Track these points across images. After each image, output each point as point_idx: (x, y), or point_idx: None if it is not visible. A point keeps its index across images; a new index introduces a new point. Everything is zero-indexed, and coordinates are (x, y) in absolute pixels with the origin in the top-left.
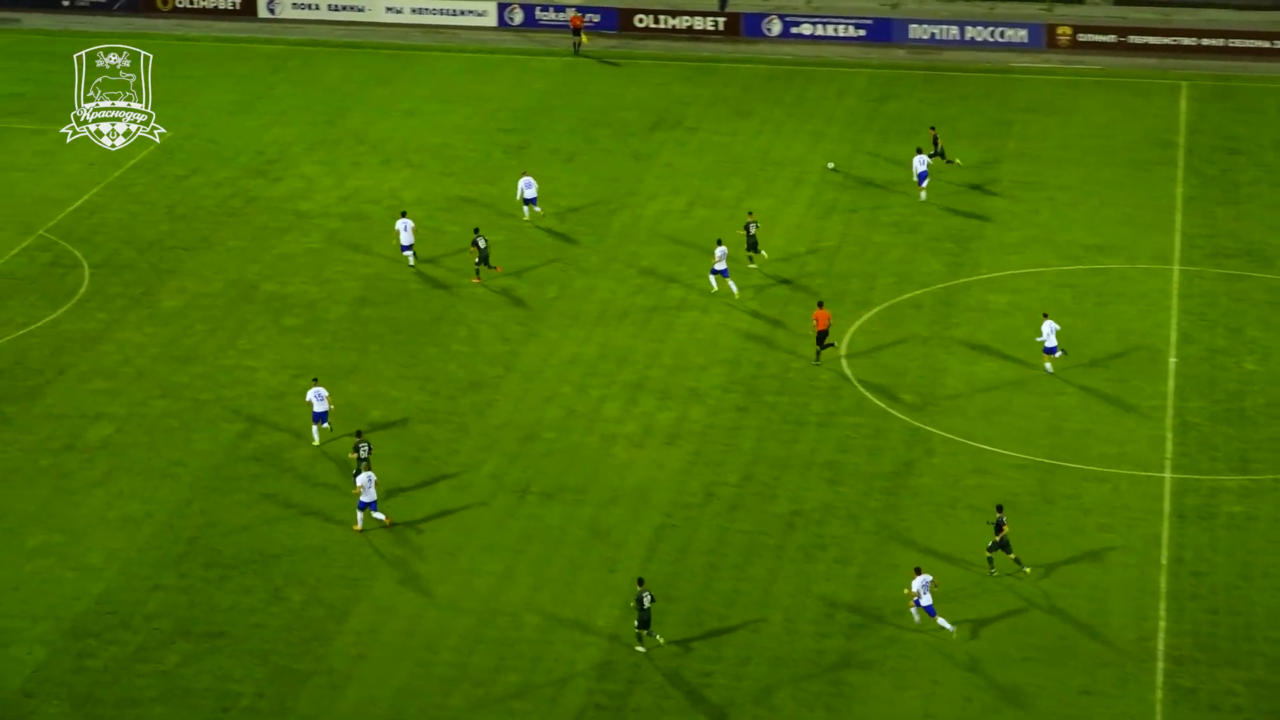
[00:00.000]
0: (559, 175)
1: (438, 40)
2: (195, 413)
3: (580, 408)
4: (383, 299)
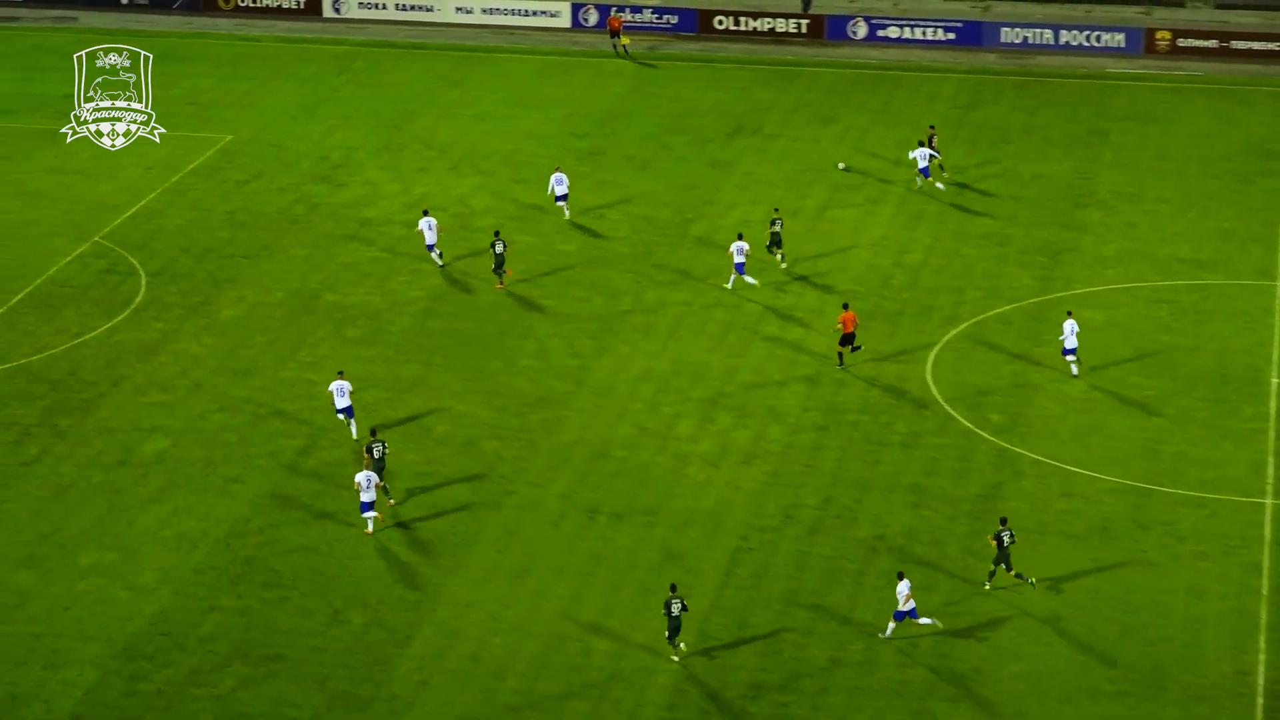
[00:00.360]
0: (633, 183)
1: (509, 41)
2: (254, 427)
3: (653, 425)
4: (449, 310)
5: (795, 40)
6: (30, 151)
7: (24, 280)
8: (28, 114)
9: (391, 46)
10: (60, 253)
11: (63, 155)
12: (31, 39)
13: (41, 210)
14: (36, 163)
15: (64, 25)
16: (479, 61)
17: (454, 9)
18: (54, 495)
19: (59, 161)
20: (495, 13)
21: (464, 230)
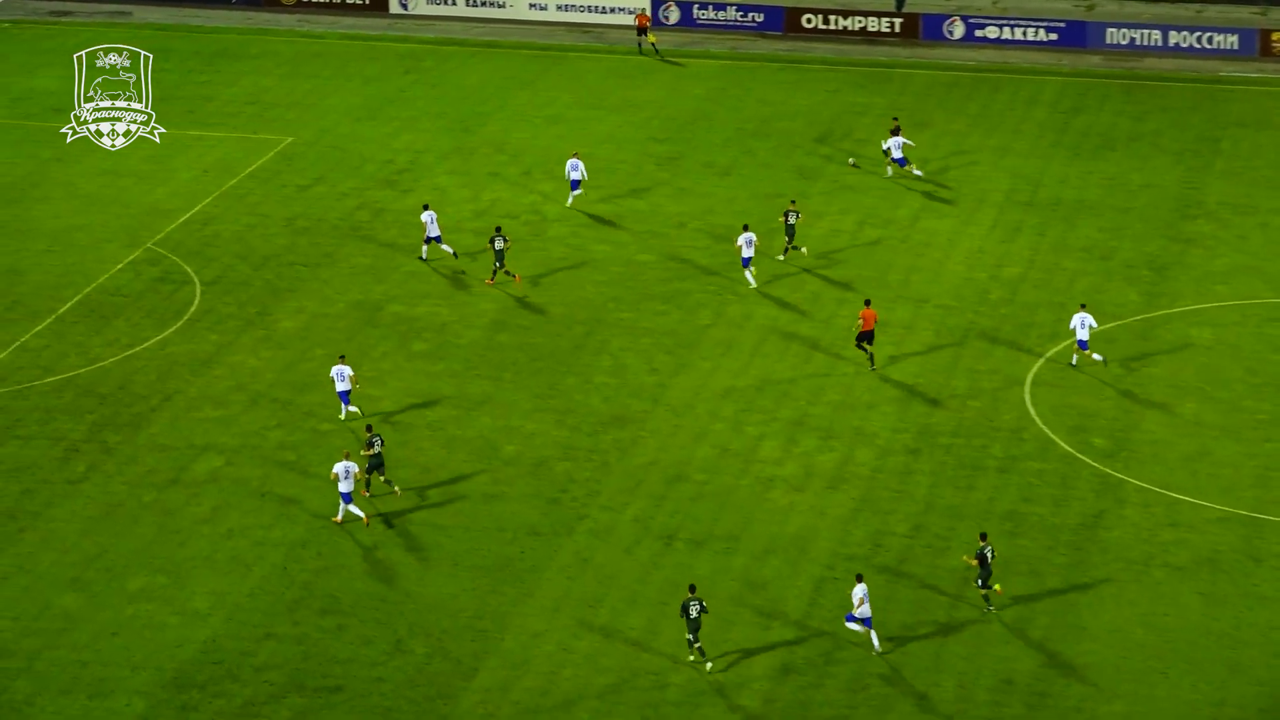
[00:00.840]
0: (714, 191)
1: (585, 40)
2: (313, 445)
3: (734, 447)
4: (520, 323)
5: (888, 40)
6: (82, 153)
7: (73, 288)
8: None
9: (461, 45)
10: (111, 259)
11: (116, 157)
12: (84, 35)
13: (93, 214)
14: (88, 164)
15: (118, 21)
16: (553, 61)
17: (527, 5)
18: (102, 515)
19: (112, 163)
20: (571, 9)
21: (536, 239)
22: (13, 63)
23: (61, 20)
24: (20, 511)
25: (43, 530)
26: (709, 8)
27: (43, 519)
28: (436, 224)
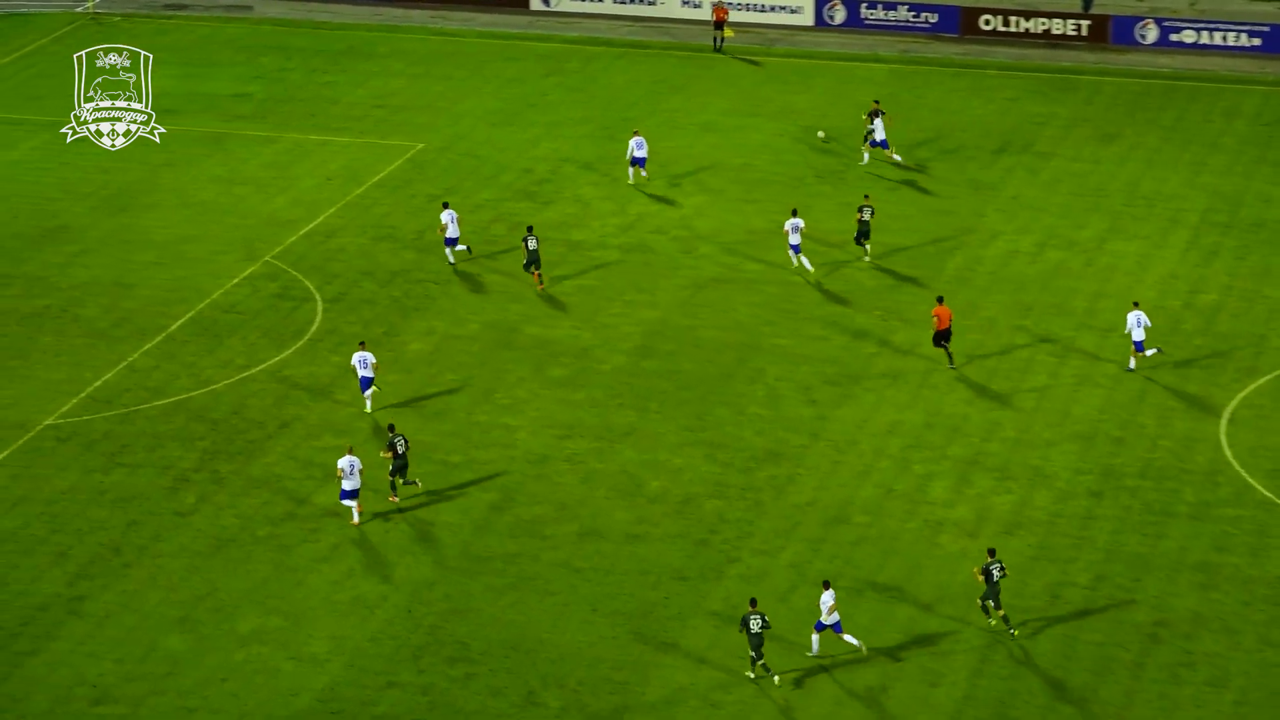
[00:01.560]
0: (883, 206)
1: (742, 41)
2: (442, 478)
3: (901, 487)
4: (667, 348)
5: (1074, 44)
6: (196, 158)
7: (185, 304)
8: (194, 115)
9: (608, 45)
10: (226, 274)
11: (232, 163)
12: (201, 30)
13: (206, 225)
14: (203, 171)
15: (238, 15)
16: (707, 63)
17: (680, 3)
18: (213, 550)
19: (228, 170)
20: (728, 7)
21: (686, 256)
22: None
23: (177, 15)
24: (126, 545)
25: (149, 566)
26: (878, 7)
27: (149, 553)
28: (457, 224)
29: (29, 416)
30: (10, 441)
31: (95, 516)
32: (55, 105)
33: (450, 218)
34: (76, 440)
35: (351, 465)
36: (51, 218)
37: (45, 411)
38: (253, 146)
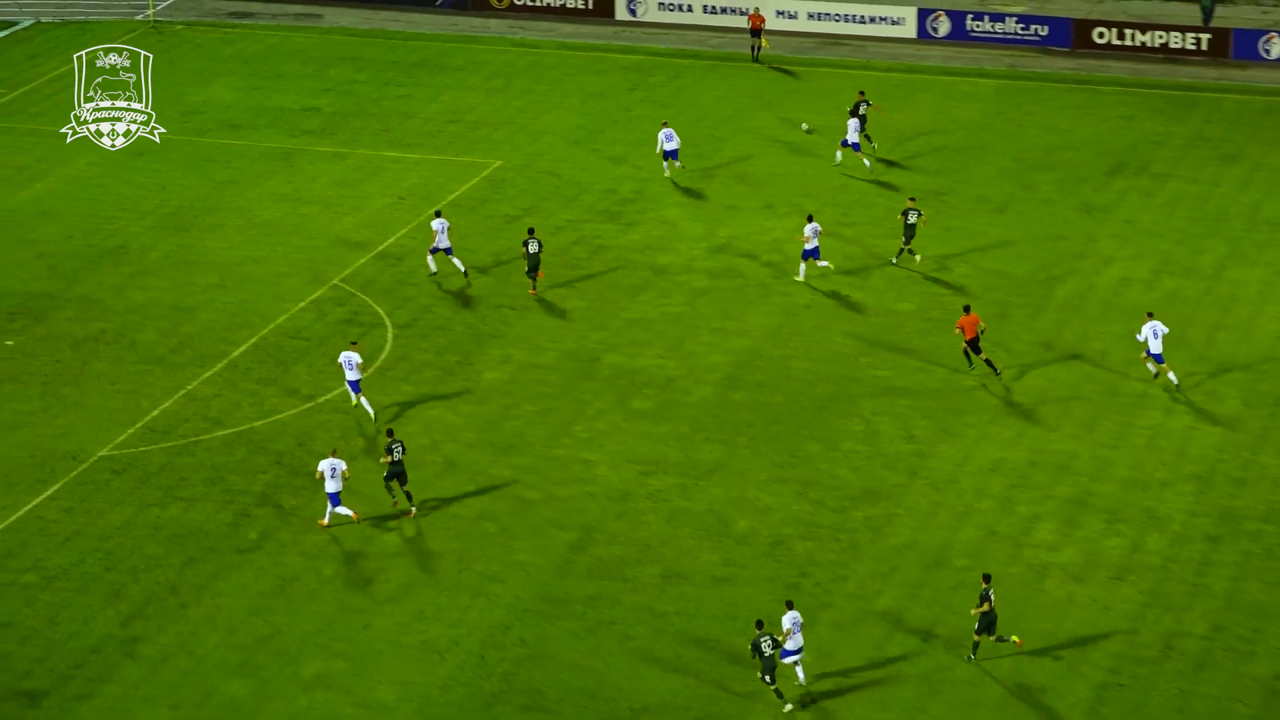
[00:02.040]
0: (987, 230)
1: (839, 54)
2: (518, 516)
3: (1004, 529)
4: (756, 380)
5: (1193, 59)
6: (260, 175)
7: (248, 329)
8: (259, 130)
9: (697, 57)
10: (292, 297)
11: (299, 181)
12: (267, 40)
13: (271, 246)
14: (267, 189)
15: (305, 24)
16: (802, 78)
17: (774, 13)
18: (275, 590)
19: (293, 188)
20: (824, 18)
21: (778, 282)
22: (186, 70)
23: (242, 23)
24: (183, 584)
25: (208, 606)
26: (984, 19)
27: (208, 593)
28: (448, 234)
29: (82, 447)
30: (63, 473)
31: (151, 553)
32: None
33: (441, 226)
34: (132, 472)
35: (333, 468)
36: (108, 237)
37: (100, 442)
38: (321, 163)
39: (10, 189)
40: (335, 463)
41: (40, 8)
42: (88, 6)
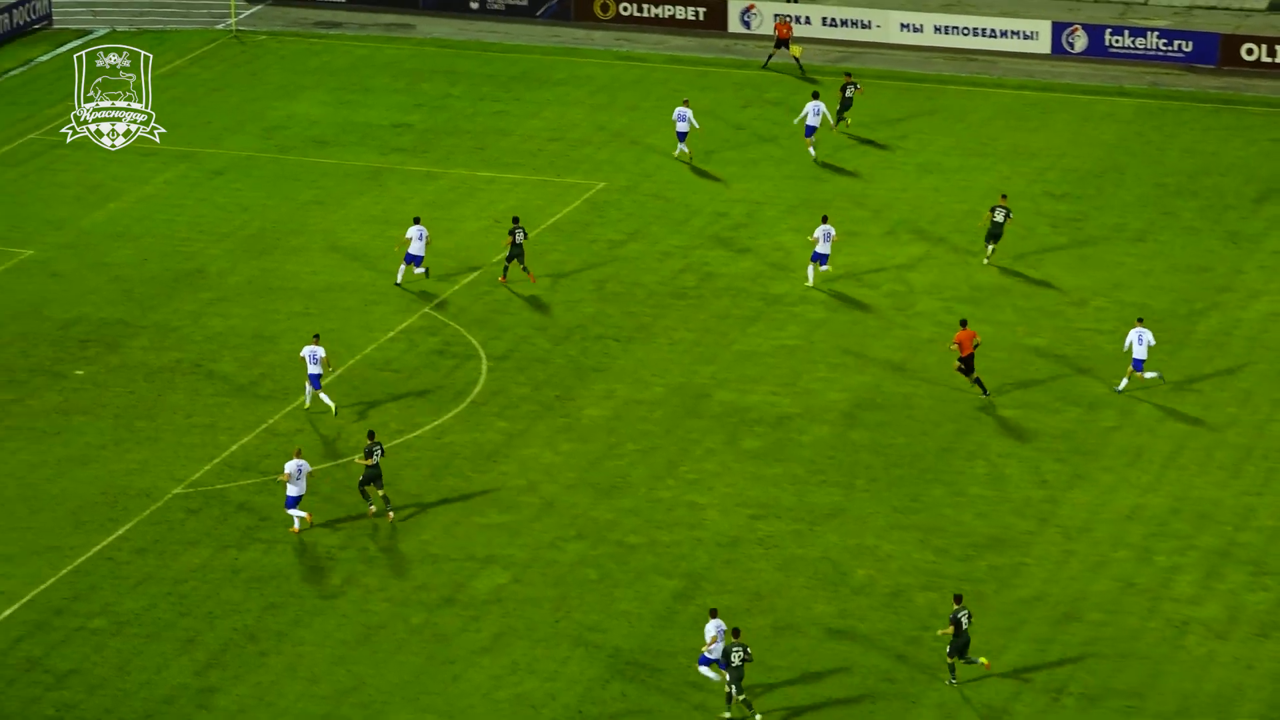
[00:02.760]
0: (1125, 260)
1: (968, 71)
2: (620, 561)
3: (1141, 580)
4: (877, 419)
5: None
6: (347, 195)
7: (334, 360)
8: (347, 147)
9: (815, 72)
10: (380, 326)
11: (389, 202)
12: (356, 52)
13: (359, 270)
14: (354, 210)
15: (397, 35)
16: (928, 95)
17: (898, 25)
18: (360, 639)
19: (383, 209)
20: (952, 32)
21: (900, 314)
22: (269, 83)
23: (329, 34)
24: (262, 631)
25: (288, 655)
26: (1124, 34)
27: (289, 640)
28: (424, 242)
29: (156, 484)
30: (135, 512)
31: (228, 598)
32: (193, 135)
33: (419, 234)
34: (209, 511)
35: (299, 469)
36: (185, 260)
37: (174, 479)
38: (412, 183)
39: (83, 209)
40: (302, 464)
41: (116, 16)
42: (165, 15)
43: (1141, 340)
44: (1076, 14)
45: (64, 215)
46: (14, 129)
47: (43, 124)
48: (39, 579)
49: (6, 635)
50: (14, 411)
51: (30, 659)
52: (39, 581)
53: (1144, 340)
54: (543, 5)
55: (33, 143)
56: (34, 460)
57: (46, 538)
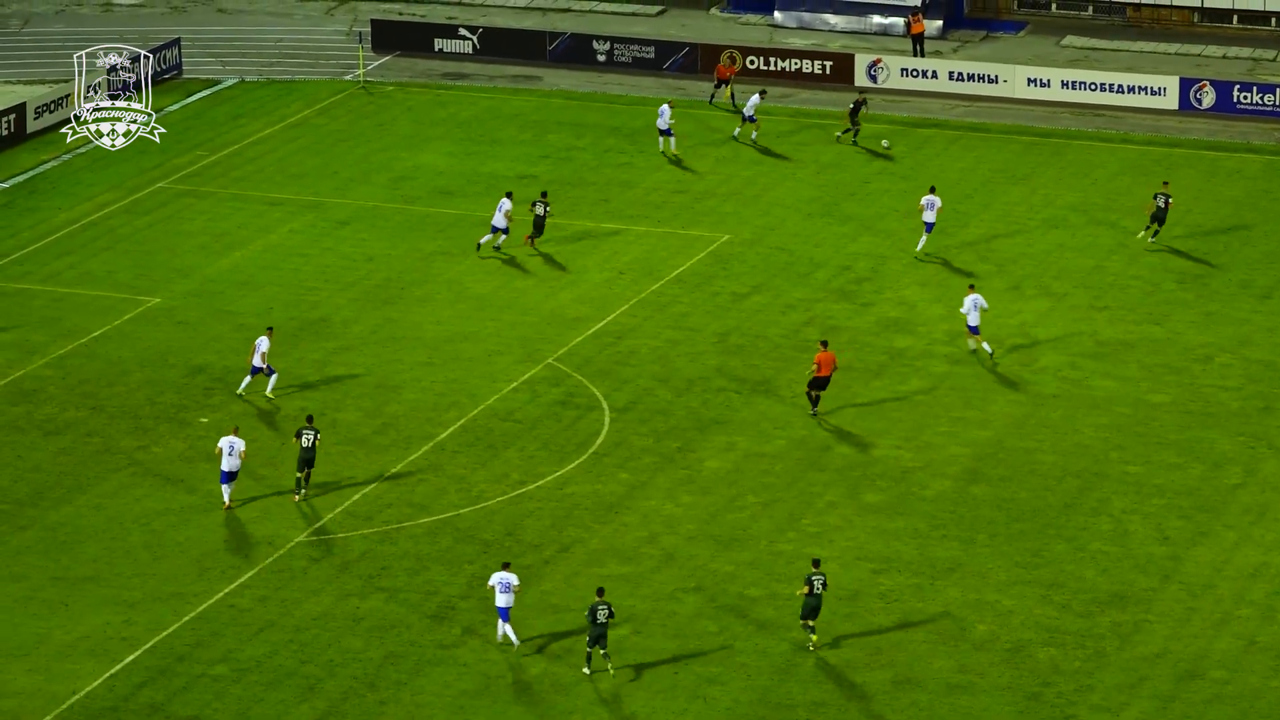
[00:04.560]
0: (1251, 317)
1: (1096, 126)
2: (739, 614)
3: (1265, 639)
4: (1000, 473)
5: None
6: (472, 246)
7: (457, 410)
8: (473, 198)
9: (940, 127)
10: (503, 377)
11: (512, 252)
12: (482, 103)
13: (482, 321)
14: (479, 261)
15: (523, 87)
16: (1054, 150)
17: (1025, 80)
18: (479, 690)
19: (506, 260)
20: (1079, 87)
21: (1024, 369)
22: (396, 134)
23: (456, 85)
24: (382, 680)
25: (408, 704)
26: (1252, 90)
27: (408, 690)
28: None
29: (279, 532)
30: (258, 560)
31: (349, 647)
32: (319, 185)
33: (504, 206)
34: (330, 560)
35: (231, 445)
36: (310, 309)
37: (297, 527)
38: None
39: (209, 256)
40: (234, 441)
41: (245, 67)
42: (295, 66)
43: (975, 306)
44: (1204, 70)
45: (190, 263)
46: (144, 177)
47: (170, 173)
48: (162, 625)
49: (129, 681)
50: (140, 459)
51: (153, 705)
52: (162, 628)
53: (977, 305)
54: (670, 58)
55: (160, 191)
56: (159, 507)
57: (170, 584)
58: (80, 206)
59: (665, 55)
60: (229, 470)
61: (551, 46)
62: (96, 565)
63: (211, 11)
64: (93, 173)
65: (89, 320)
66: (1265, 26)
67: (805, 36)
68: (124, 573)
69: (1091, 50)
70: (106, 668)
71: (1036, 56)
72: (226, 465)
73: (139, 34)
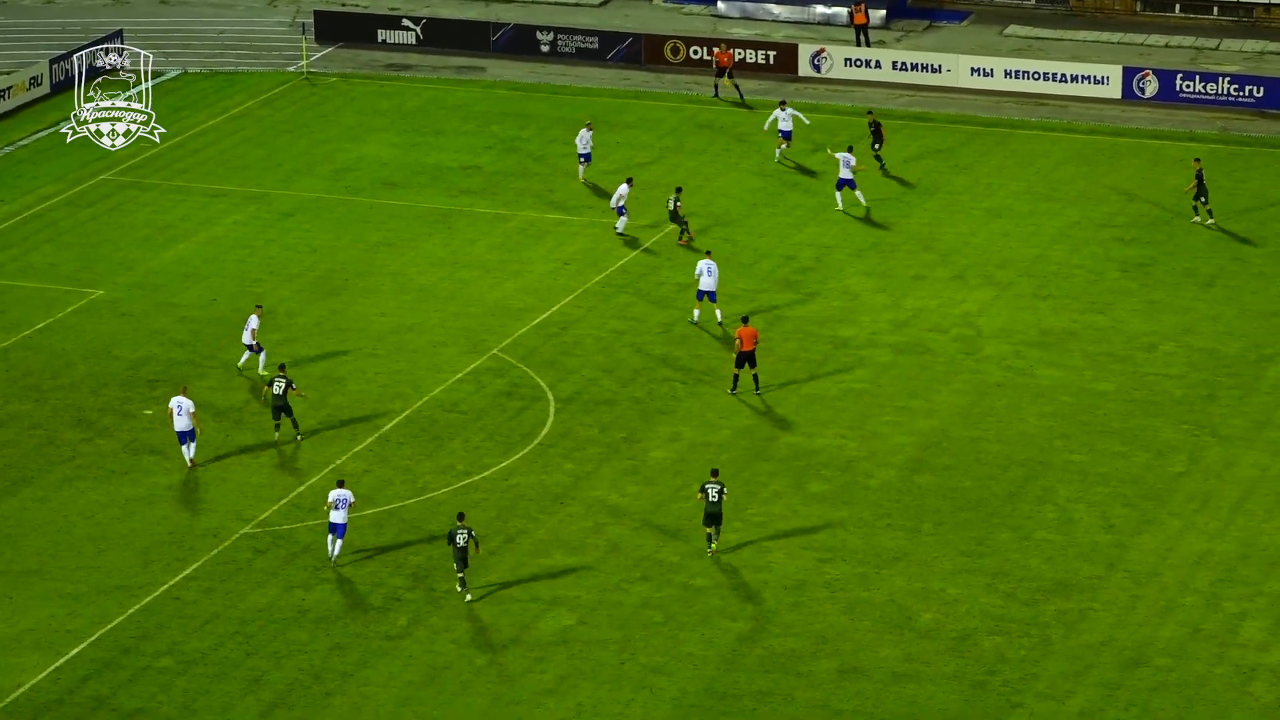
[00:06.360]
0: (1194, 305)
1: (1038, 115)
2: (685, 604)
3: (1209, 626)
4: (945, 462)
5: None
6: (416, 237)
7: (401, 401)
8: (416, 189)
9: (884, 117)
10: (447, 368)
11: (457, 244)
12: (426, 94)
13: (427, 312)
14: (422, 252)
15: (467, 77)
16: (997, 140)
17: (968, 70)
18: (425, 680)
19: (450, 251)
20: (1022, 76)
21: (968, 358)
22: (339, 126)
23: (400, 76)
24: (327, 671)
25: (353, 695)
26: (1195, 79)
27: (354, 681)
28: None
29: (223, 524)
30: (202, 551)
31: (295, 638)
32: (263, 177)
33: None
34: (276, 552)
35: (179, 405)
36: (254, 301)
37: (242, 519)
38: (481, 225)
39: (152, 249)
40: (182, 401)
41: (188, 58)
42: (237, 58)
43: (710, 271)
44: (1147, 59)
45: (133, 256)
46: (86, 169)
47: (113, 164)
48: (107, 618)
49: (74, 674)
50: (83, 451)
51: (98, 698)
52: (107, 621)
53: (712, 271)
54: (614, 49)
55: (104, 183)
56: (103, 500)
57: (115, 577)
58: (22, 199)
59: (609, 46)
60: (182, 430)
61: (495, 37)
62: (41, 558)
63: (154, 3)
64: (35, 165)
65: (32, 313)
66: (1208, 16)
67: (748, 26)
68: (68, 565)
69: (1035, 39)
70: (51, 660)
71: (980, 46)
72: (178, 425)
73: (81, 25)
